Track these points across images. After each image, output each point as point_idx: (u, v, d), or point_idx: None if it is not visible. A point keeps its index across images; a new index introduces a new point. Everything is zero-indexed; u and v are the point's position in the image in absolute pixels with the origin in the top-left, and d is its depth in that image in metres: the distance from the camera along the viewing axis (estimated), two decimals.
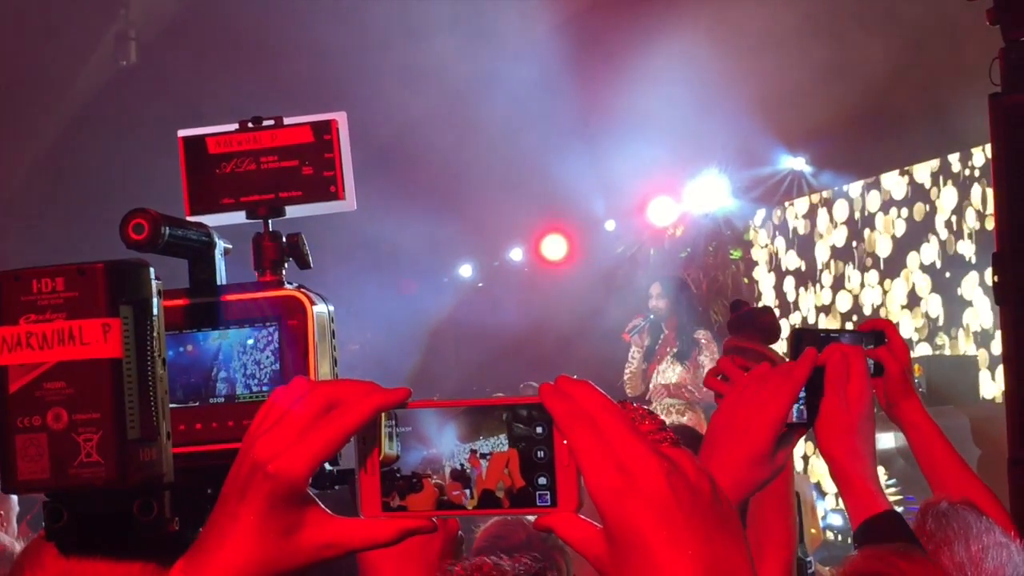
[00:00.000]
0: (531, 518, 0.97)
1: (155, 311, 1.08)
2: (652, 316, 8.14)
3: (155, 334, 1.07)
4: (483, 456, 0.96)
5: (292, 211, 1.38)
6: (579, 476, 0.94)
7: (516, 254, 12.99)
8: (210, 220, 1.37)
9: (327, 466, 1.26)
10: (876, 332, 2.47)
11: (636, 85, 8.94)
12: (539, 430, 0.96)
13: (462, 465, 0.97)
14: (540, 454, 0.96)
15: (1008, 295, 3.37)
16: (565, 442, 0.94)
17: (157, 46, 9.37)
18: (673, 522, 0.88)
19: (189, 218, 1.37)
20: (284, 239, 1.38)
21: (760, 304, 11.36)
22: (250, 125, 1.38)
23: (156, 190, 1.34)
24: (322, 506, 0.98)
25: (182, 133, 1.38)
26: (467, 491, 0.97)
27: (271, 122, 1.37)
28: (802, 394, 1.90)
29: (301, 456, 0.94)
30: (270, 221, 1.38)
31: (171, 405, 1.28)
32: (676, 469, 0.90)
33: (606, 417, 0.91)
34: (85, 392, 1.03)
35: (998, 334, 9.19)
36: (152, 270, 1.09)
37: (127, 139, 8.63)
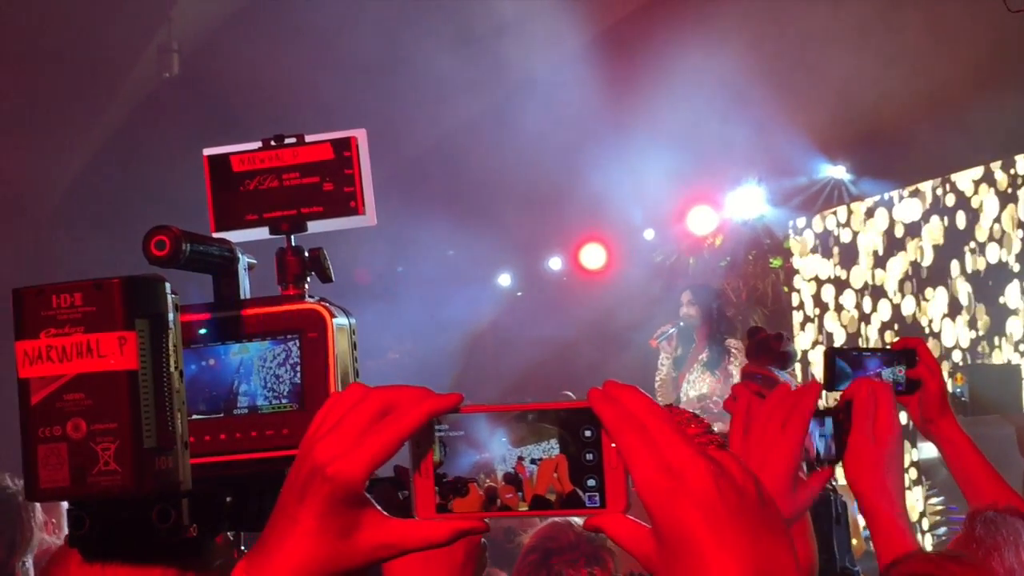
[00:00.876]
0: (580, 520, 1.00)
1: (171, 324, 1.11)
2: (682, 323, 8.10)
3: (171, 347, 1.11)
4: (533, 461, 1.00)
5: (314, 226, 1.41)
6: (627, 478, 0.97)
7: (555, 263, 12.98)
8: (235, 236, 1.40)
9: None
10: (908, 351, 2.49)
11: (673, 94, 8.94)
12: (588, 433, 0.98)
13: (513, 469, 1.00)
14: (589, 457, 0.98)
15: None
16: (613, 445, 0.97)
17: (200, 58, 9.47)
18: (720, 522, 0.90)
19: (214, 234, 1.40)
20: (306, 254, 1.41)
21: (800, 313, 11.31)
22: (272, 143, 1.41)
23: (199, 202, 1.37)
24: (379, 508, 1.01)
25: (207, 152, 1.42)
26: (520, 494, 1.00)
27: (293, 140, 1.40)
28: (830, 429, 1.95)
29: (359, 459, 0.97)
30: (292, 236, 1.41)
31: (195, 416, 1.31)
32: (723, 471, 0.92)
33: (654, 420, 0.93)
34: (103, 403, 1.06)
35: None
36: (168, 285, 1.12)
37: (170, 151, 8.73)
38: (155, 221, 1.29)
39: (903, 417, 2.68)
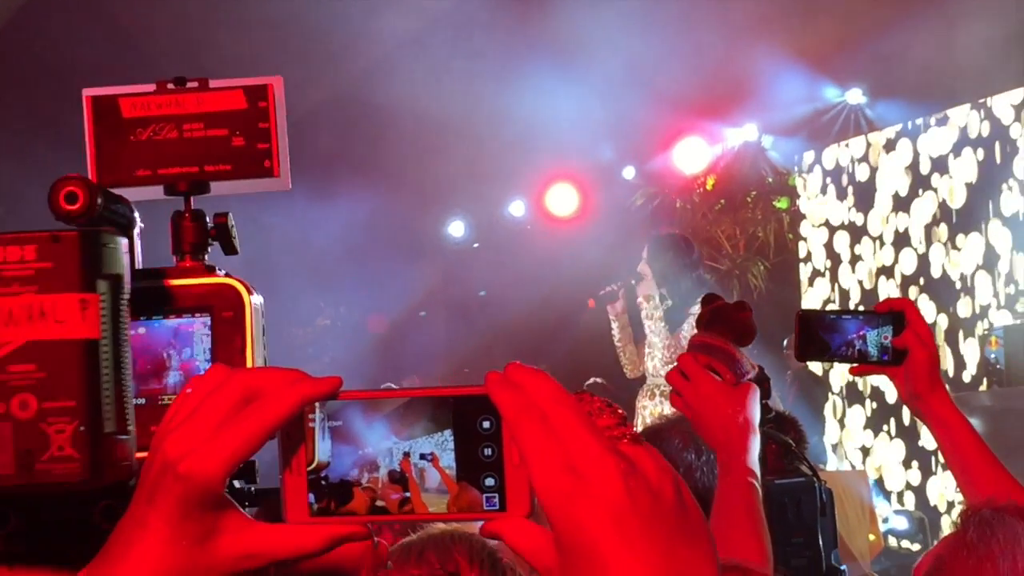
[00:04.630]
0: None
1: (127, 289, 1.13)
2: (633, 281, 8.08)
3: (126, 315, 1.12)
4: (423, 456, 1.01)
5: (217, 187, 1.42)
6: None
7: (517, 208, 12.98)
8: (121, 194, 1.41)
9: (237, 483, 1.31)
10: (894, 313, 2.54)
11: (643, 9, 8.93)
12: (486, 425, 1.00)
13: (399, 465, 1.02)
14: (488, 452, 1.00)
15: None
16: None
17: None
18: (629, 529, 0.91)
19: None
20: (209, 219, 1.42)
21: (808, 266, 11.39)
22: (171, 86, 1.42)
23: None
24: (242, 511, 1.02)
25: (89, 92, 1.42)
26: (406, 494, 1.02)
27: (195, 84, 1.41)
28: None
29: (216, 454, 0.97)
30: (192, 198, 1.42)
31: None
32: (634, 470, 0.93)
33: (559, 410, 0.95)
34: (58, 377, 1.06)
35: None
36: (124, 242, 1.14)
37: None
38: None
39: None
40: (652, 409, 7.74)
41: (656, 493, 0.93)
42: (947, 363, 10.10)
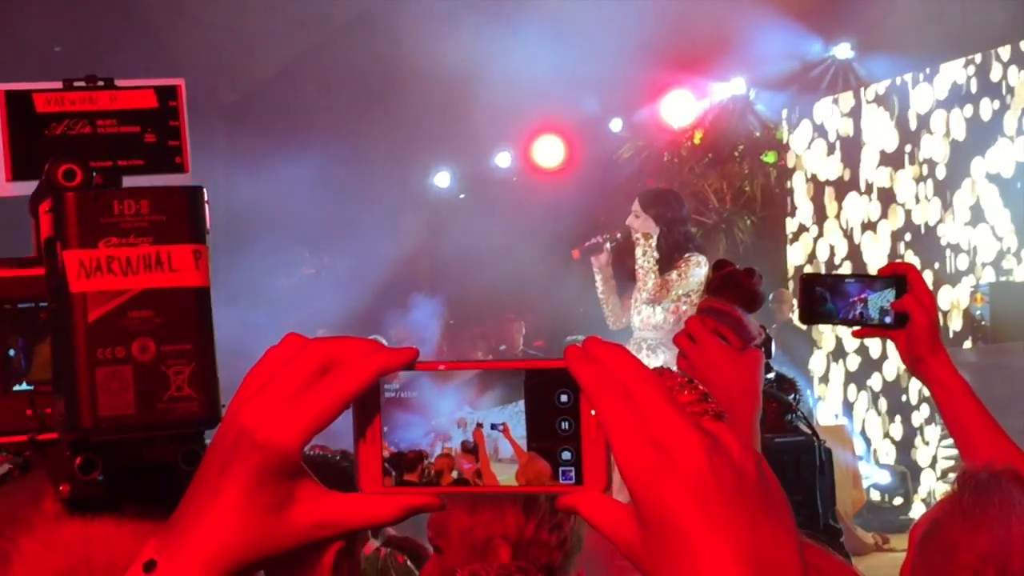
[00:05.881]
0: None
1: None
2: (620, 236, 8.08)
3: None
4: (495, 427, 1.01)
5: (128, 182, 1.45)
6: (608, 452, 0.98)
7: (503, 159, 12.98)
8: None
9: None
10: (897, 277, 2.56)
11: None
12: (564, 398, 1.00)
13: (472, 436, 1.02)
14: (564, 425, 1.00)
15: None
16: (593, 413, 0.98)
17: None
18: (713, 505, 0.92)
19: (10, 183, 1.44)
20: None
21: (794, 221, 11.39)
22: (80, 84, 1.44)
23: None
24: (316, 480, 1.02)
25: (2, 86, 1.45)
26: (478, 465, 1.02)
27: (101, 83, 1.44)
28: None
29: (294, 423, 0.98)
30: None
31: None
32: (718, 446, 0.93)
33: (641, 386, 0.95)
34: (175, 322, 1.13)
35: None
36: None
37: None
38: None
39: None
40: None
41: (739, 470, 0.94)
42: None
